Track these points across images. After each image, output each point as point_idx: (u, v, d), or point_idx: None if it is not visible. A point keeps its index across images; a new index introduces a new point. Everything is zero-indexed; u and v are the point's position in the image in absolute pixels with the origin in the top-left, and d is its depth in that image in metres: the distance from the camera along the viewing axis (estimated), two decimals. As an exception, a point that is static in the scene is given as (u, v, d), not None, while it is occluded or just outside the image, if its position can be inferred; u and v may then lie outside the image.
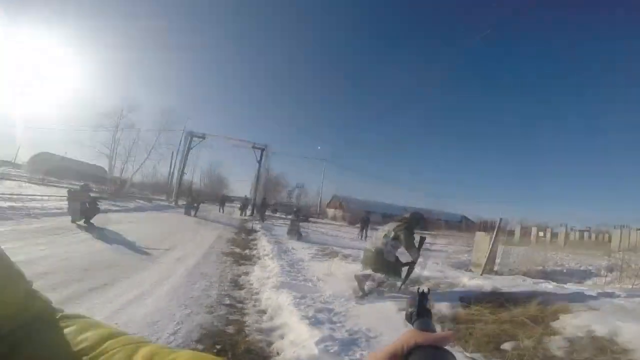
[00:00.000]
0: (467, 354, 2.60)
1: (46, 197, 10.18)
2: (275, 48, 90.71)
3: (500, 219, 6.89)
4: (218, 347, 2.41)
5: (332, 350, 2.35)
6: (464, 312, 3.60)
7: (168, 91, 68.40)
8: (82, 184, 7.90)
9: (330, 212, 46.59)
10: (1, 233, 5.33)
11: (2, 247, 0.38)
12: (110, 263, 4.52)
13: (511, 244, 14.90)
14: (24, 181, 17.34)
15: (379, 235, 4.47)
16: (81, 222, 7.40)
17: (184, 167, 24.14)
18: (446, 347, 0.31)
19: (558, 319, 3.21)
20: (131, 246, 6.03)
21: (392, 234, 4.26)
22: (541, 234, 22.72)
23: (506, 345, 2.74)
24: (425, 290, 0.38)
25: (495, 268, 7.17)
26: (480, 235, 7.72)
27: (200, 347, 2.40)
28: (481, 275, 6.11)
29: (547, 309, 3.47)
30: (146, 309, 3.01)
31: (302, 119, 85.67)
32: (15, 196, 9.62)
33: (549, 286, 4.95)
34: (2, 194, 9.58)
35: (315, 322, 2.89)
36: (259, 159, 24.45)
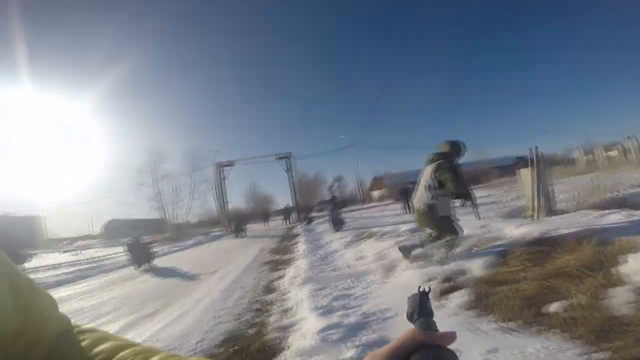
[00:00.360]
0: (499, 325, 2.15)
1: (117, 255, 11.73)
2: (270, 53, 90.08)
3: (537, 147, 5.67)
4: (236, 347, 2.67)
5: (332, 339, 2.32)
6: (502, 270, 2.96)
7: (188, 132, 73.23)
8: (131, 237, 8.94)
9: (375, 194, 45.91)
10: (84, 287, 6.42)
11: (85, 296, 0.50)
12: (163, 294, 5.16)
13: (575, 173, 12.81)
14: (100, 247, 20.47)
15: (422, 188, 3.97)
16: (144, 267, 8.48)
17: (224, 196, 25.93)
18: (449, 347, 0.30)
19: (626, 262, 2.40)
20: (183, 276, 6.78)
21: (435, 182, 3.80)
22: (611, 153, 19.61)
23: (551, 308, 2.14)
24: (427, 289, 0.36)
25: (556, 207, 6.01)
26: (523, 173, 6.26)
27: (220, 350, 2.70)
28: (537, 219, 5.29)
29: (607, 250, 2.70)
30: (183, 325, 3.43)
31: (318, 117, 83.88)
32: (94, 259, 11.35)
33: (617, 217, 4.05)
34: (83, 259, 11.38)
35: (326, 312, 2.95)
36: (285, 168, 25.33)
